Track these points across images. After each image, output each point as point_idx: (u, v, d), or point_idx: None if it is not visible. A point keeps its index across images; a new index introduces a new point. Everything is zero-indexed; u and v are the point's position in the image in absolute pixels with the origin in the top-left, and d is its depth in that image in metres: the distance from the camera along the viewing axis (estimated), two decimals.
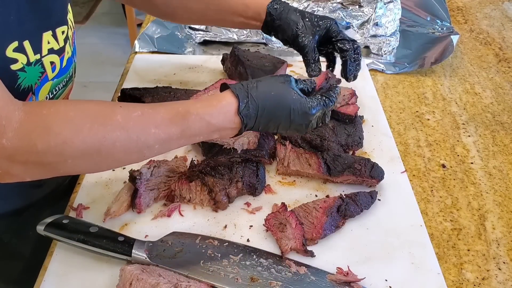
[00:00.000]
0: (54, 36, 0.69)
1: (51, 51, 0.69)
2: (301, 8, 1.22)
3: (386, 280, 0.67)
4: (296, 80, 0.69)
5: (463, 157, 0.91)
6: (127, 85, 1.04)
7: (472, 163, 0.89)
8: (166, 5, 0.89)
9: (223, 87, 0.68)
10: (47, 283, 0.66)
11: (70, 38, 0.74)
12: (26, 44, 0.64)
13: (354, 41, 0.85)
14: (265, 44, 1.22)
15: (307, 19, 0.85)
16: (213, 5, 0.88)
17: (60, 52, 0.71)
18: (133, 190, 0.75)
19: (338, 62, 0.87)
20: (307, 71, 0.85)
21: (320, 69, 0.84)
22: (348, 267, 0.67)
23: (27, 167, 0.57)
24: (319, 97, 0.68)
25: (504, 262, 0.72)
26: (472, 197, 0.82)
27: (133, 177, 0.75)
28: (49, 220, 0.68)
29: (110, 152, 0.59)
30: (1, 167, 0.56)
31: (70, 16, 0.75)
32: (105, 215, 0.74)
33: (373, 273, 0.67)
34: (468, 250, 0.73)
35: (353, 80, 0.86)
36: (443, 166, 0.88)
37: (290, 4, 0.87)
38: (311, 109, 0.66)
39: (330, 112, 0.70)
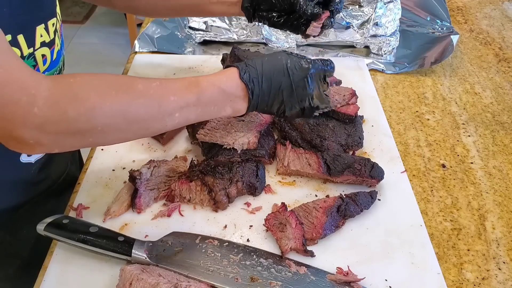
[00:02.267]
0: (46, 29, 0.70)
1: (43, 44, 0.69)
2: None
3: (386, 280, 0.67)
4: (289, 52, 0.74)
5: (463, 157, 0.91)
6: None
7: (472, 163, 0.89)
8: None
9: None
10: (47, 283, 0.66)
11: (58, 31, 0.75)
12: (20, 38, 0.64)
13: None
14: (265, 44, 1.22)
15: None
16: None
17: (50, 44, 0.71)
18: (133, 190, 0.75)
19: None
20: (308, 32, 0.84)
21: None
22: (348, 267, 0.67)
23: (57, 137, 0.57)
24: (316, 59, 0.74)
25: (504, 262, 0.72)
26: (472, 197, 0.82)
27: (133, 177, 0.75)
28: (49, 220, 0.68)
29: (135, 119, 0.61)
30: (32, 137, 0.55)
31: (57, 8, 0.75)
32: (105, 215, 0.74)
33: (373, 273, 0.67)
34: (468, 250, 0.73)
35: (319, 34, 0.85)
36: (443, 166, 0.88)
37: None
38: (308, 64, 0.71)
39: (330, 74, 0.75)
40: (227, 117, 0.82)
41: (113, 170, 0.83)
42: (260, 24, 1.17)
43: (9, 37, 0.62)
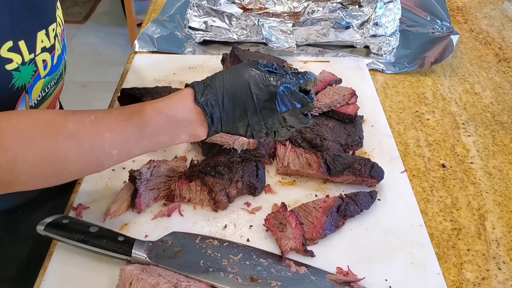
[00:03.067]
0: (47, 34, 0.70)
1: (43, 49, 0.69)
2: (300, 8, 1.22)
3: (386, 280, 0.67)
4: (260, 63, 0.63)
5: (463, 157, 0.91)
6: (127, 85, 1.04)
7: (472, 163, 0.89)
8: None
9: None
10: (47, 283, 0.66)
11: (59, 35, 0.74)
12: (22, 44, 0.64)
13: None
14: (265, 44, 1.22)
15: None
16: None
17: (51, 49, 0.71)
18: (133, 190, 0.75)
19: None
20: None
21: None
22: (348, 267, 0.67)
23: None
24: (287, 71, 0.63)
25: (504, 262, 0.72)
26: (472, 197, 0.82)
27: (133, 177, 0.75)
28: (49, 220, 0.68)
29: (63, 164, 0.57)
30: None
31: (59, 13, 0.75)
32: (105, 215, 0.74)
33: (373, 273, 0.67)
34: (468, 250, 0.73)
35: None
36: (443, 166, 0.88)
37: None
38: (277, 81, 0.61)
39: (311, 90, 0.65)
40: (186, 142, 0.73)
41: (113, 170, 0.83)
42: (260, 24, 1.17)
43: (10, 43, 0.62)
